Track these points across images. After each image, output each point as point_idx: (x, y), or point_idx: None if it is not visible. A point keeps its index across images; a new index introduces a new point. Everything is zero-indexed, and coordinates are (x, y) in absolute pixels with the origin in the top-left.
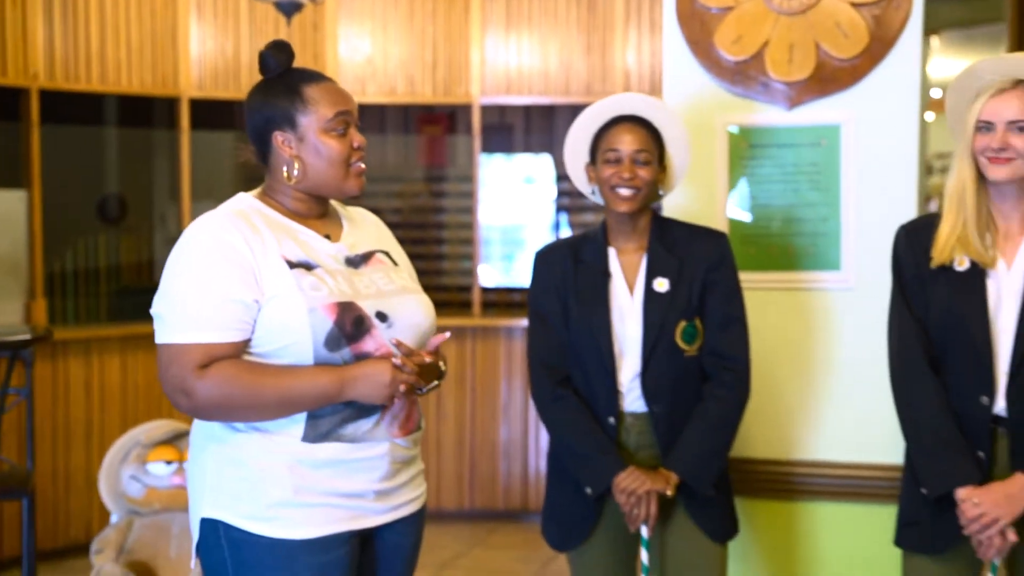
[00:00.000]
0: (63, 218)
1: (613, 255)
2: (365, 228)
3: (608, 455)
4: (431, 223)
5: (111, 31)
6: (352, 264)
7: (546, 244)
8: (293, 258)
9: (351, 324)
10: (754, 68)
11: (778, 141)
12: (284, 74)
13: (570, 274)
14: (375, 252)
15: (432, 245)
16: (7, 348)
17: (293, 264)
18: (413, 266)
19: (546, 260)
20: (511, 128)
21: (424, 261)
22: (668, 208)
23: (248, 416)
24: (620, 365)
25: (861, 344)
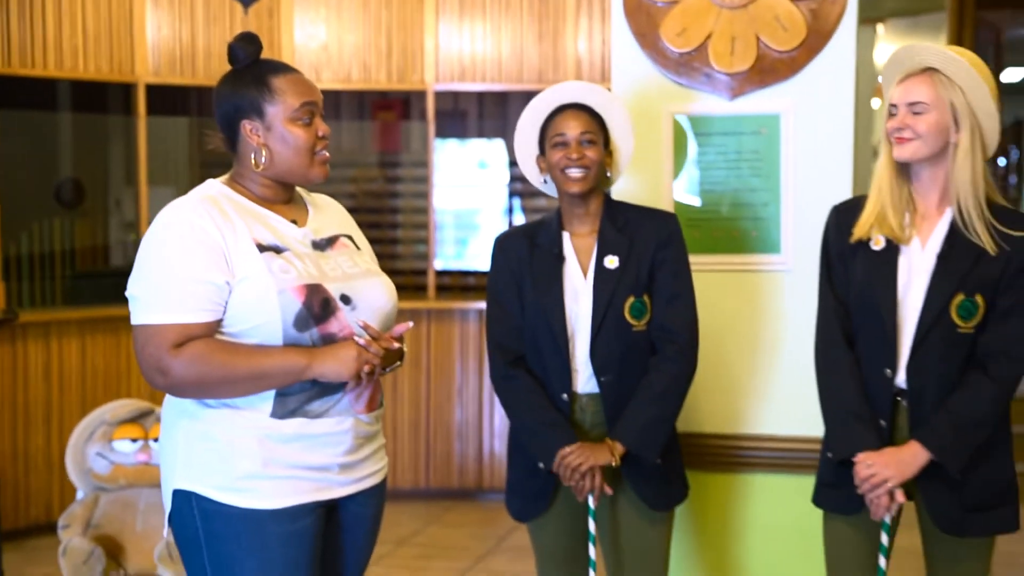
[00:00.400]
0: (19, 203)
1: (567, 239)
2: (329, 213)
3: (558, 430)
4: (386, 208)
5: (67, 17)
6: (318, 248)
7: (504, 231)
8: (264, 241)
9: (319, 305)
10: (698, 60)
11: (721, 129)
12: (252, 65)
13: (526, 259)
14: (339, 236)
15: (387, 229)
16: None
17: (263, 247)
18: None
19: (503, 246)
20: (464, 114)
21: (379, 245)
22: (617, 194)
23: (221, 393)
24: (573, 344)
25: (801, 323)
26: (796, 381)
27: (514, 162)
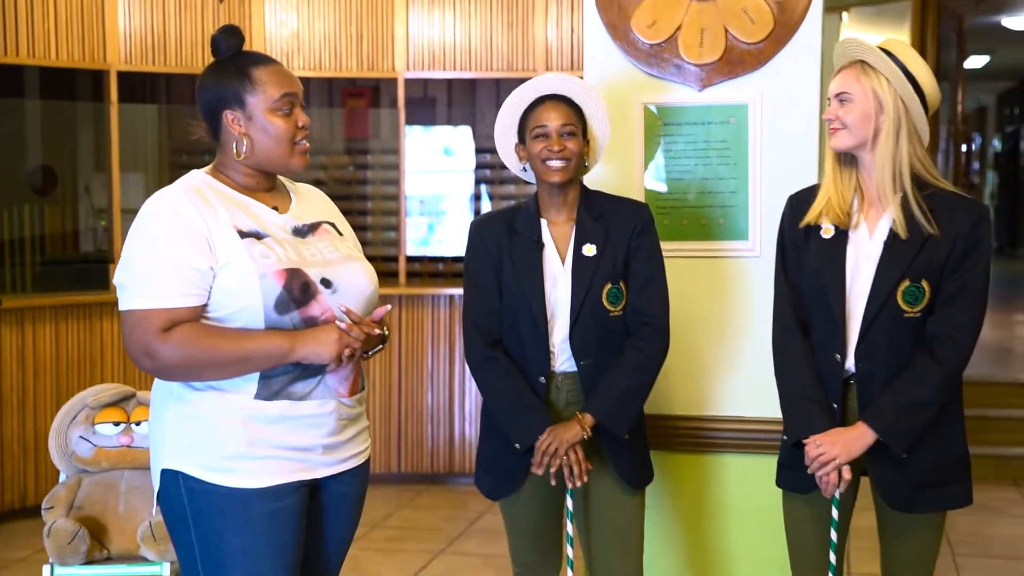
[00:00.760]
0: None
1: (545, 226)
2: (312, 201)
3: (534, 411)
4: (355, 194)
5: (39, 5)
6: (299, 234)
7: (481, 215)
8: (244, 228)
9: (298, 289)
10: (668, 51)
11: (690, 119)
12: (234, 57)
13: (504, 244)
14: (321, 223)
15: (356, 216)
16: None
17: (244, 234)
18: None
19: (481, 230)
20: (434, 101)
21: None
22: (589, 181)
23: (207, 375)
24: (552, 327)
25: (767, 307)
26: (763, 364)
27: (481, 149)
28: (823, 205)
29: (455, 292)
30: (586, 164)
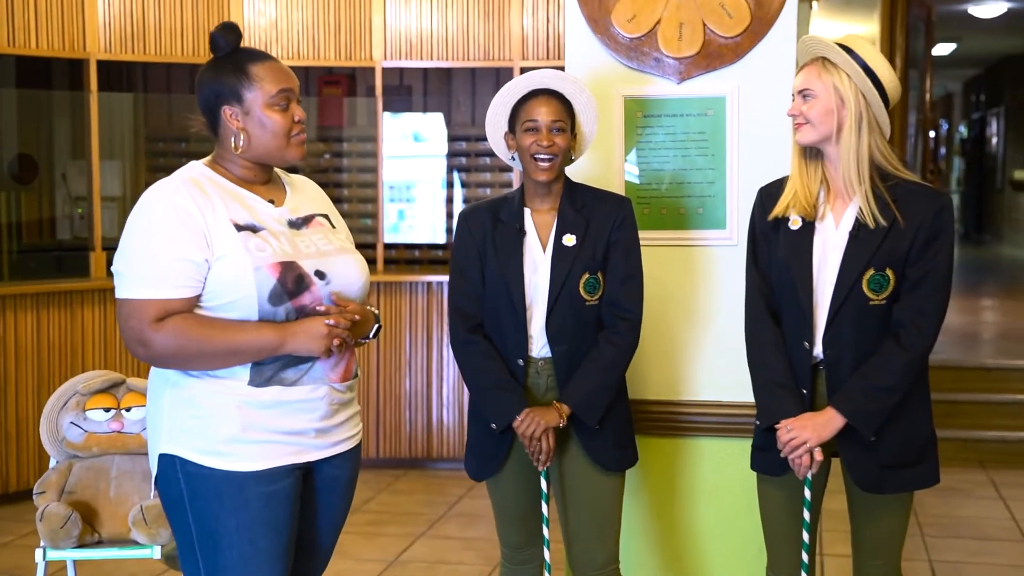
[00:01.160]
0: None
1: (528, 215)
2: (306, 194)
3: (510, 393)
4: (331, 182)
5: None
6: (294, 226)
7: (469, 206)
8: (240, 221)
9: (292, 281)
10: (648, 45)
11: (669, 111)
12: (232, 53)
13: (489, 232)
14: (315, 216)
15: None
16: None
17: (240, 227)
18: None
19: (468, 220)
20: (409, 90)
21: None
22: (571, 171)
23: (199, 365)
24: (531, 313)
25: (743, 295)
26: (739, 349)
27: (456, 137)
28: (790, 198)
29: (432, 279)
30: (572, 158)
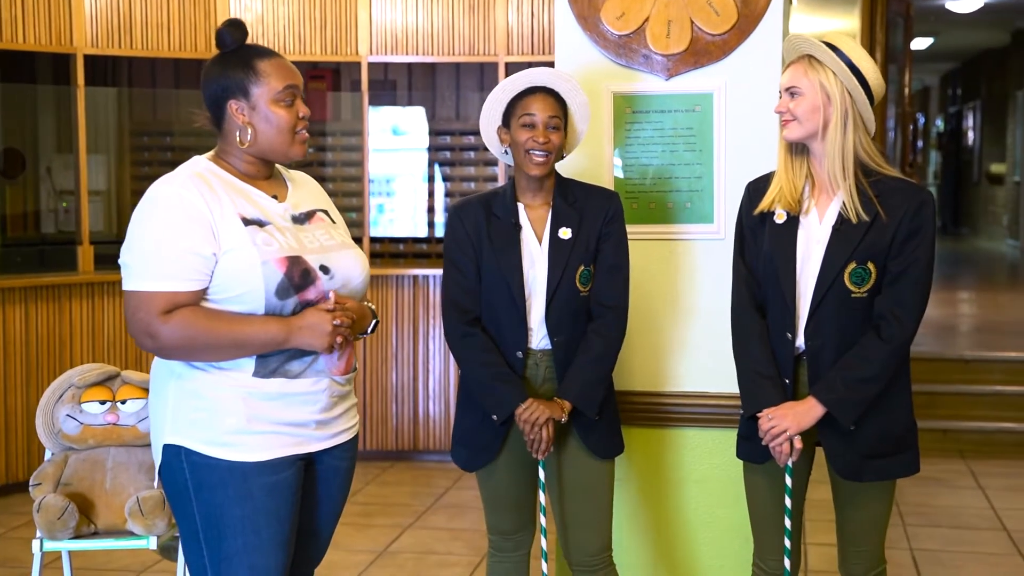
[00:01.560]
0: None
1: (521, 209)
2: (306, 189)
3: (511, 385)
4: (315, 176)
5: None
6: (298, 222)
7: (460, 200)
8: (248, 216)
9: (299, 276)
10: (636, 42)
11: (657, 107)
12: (239, 49)
13: (483, 227)
14: (316, 211)
15: None
16: None
17: (248, 221)
18: None
19: (460, 214)
20: (394, 84)
21: None
22: (560, 166)
23: (205, 357)
24: (530, 305)
25: (729, 288)
26: (726, 341)
27: (440, 132)
28: (776, 193)
29: (418, 272)
30: (563, 154)
